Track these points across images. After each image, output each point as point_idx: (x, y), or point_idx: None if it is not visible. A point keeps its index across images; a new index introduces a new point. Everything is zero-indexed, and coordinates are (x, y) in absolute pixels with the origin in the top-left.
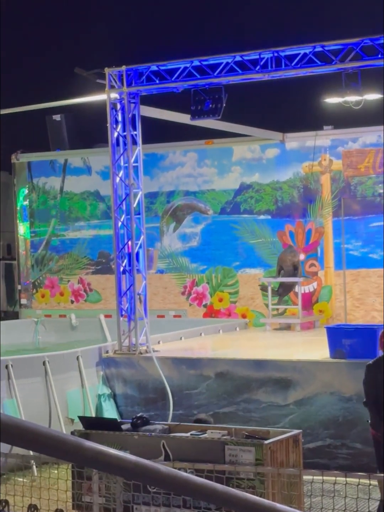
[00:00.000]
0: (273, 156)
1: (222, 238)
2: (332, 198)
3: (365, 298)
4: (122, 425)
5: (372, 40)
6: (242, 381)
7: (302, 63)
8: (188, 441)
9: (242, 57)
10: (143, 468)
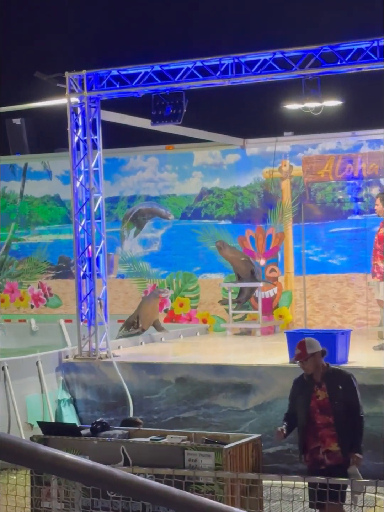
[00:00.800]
0: (234, 162)
1: (183, 243)
2: (292, 203)
3: (325, 303)
4: (81, 430)
5: (331, 47)
6: (202, 386)
7: (262, 69)
8: (148, 446)
9: (203, 62)
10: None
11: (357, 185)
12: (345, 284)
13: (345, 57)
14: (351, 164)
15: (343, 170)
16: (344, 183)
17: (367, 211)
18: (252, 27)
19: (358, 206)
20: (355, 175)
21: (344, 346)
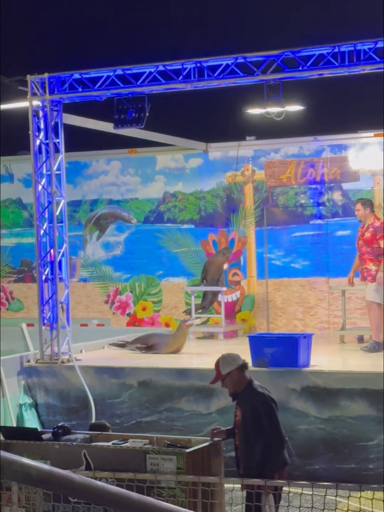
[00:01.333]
0: (197, 166)
1: (146, 247)
2: (254, 208)
3: (287, 307)
4: (43, 434)
5: (293, 53)
6: (164, 390)
7: (225, 74)
8: (110, 450)
9: (165, 67)
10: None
11: (319, 189)
12: (307, 288)
13: (306, 63)
14: (313, 169)
15: (305, 175)
16: (306, 188)
17: (329, 216)
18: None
19: (320, 211)
20: (317, 180)
21: (306, 350)
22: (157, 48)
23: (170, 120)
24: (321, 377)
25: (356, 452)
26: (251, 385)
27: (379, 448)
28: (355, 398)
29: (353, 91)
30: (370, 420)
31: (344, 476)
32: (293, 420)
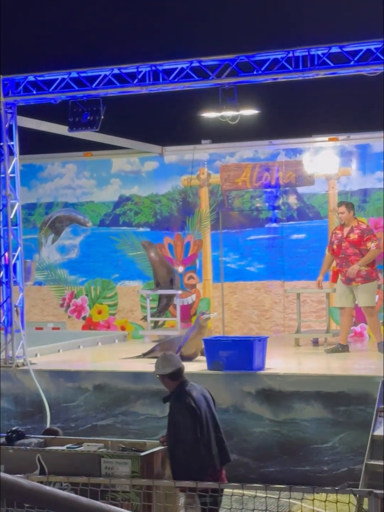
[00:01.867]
0: (152, 169)
1: (101, 250)
2: (210, 211)
3: (243, 310)
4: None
5: (247, 57)
6: (120, 394)
7: (180, 77)
8: (64, 455)
9: (120, 70)
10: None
11: (274, 193)
12: (262, 291)
13: (261, 67)
14: (268, 172)
15: (260, 178)
16: (261, 191)
17: (284, 219)
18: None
19: (275, 214)
20: (272, 184)
21: (261, 353)
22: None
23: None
24: (276, 380)
25: (311, 454)
26: (180, 388)
27: (333, 450)
28: (310, 401)
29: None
30: (324, 423)
31: (299, 479)
32: (248, 423)
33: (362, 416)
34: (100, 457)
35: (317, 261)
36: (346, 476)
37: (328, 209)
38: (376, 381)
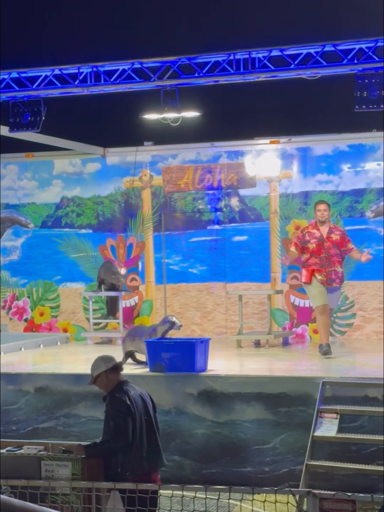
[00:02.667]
0: (94, 171)
1: (44, 252)
2: (152, 213)
3: (185, 312)
4: None
5: (189, 59)
6: (62, 396)
7: (121, 79)
8: (4, 458)
9: (61, 70)
10: None
11: (216, 195)
12: (205, 293)
13: (202, 69)
14: (210, 174)
15: (202, 181)
16: (204, 193)
17: (226, 221)
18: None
19: (218, 216)
20: (214, 186)
21: (203, 354)
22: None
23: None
24: (218, 381)
25: (252, 455)
26: (117, 388)
27: (274, 451)
28: (251, 402)
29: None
30: (265, 424)
31: (241, 480)
32: (190, 424)
33: (302, 417)
34: (40, 459)
35: (259, 263)
36: (287, 476)
37: (269, 212)
38: (317, 382)
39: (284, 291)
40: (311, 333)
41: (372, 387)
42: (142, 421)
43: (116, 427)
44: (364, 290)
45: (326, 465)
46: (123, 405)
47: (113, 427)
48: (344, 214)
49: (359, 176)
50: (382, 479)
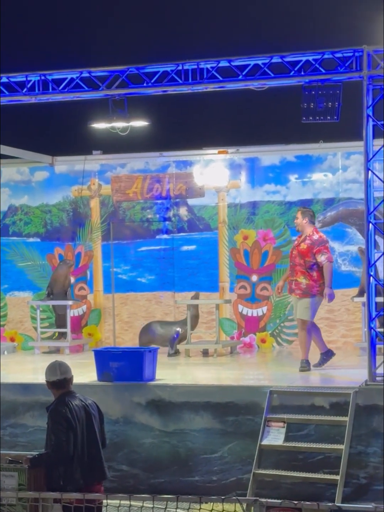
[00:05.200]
0: (42, 179)
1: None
2: (101, 222)
3: (134, 321)
4: None
5: (137, 69)
6: (9, 406)
7: (70, 87)
8: None
9: (9, 78)
10: None
11: (165, 205)
12: (153, 302)
13: (151, 79)
14: (159, 184)
15: (151, 190)
16: (153, 203)
17: (175, 231)
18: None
19: (166, 226)
20: (163, 195)
21: (151, 364)
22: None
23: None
24: (166, 390)
25: (200, 464)
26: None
27: (222, 460)
28: (199, 411)
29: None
30: (213, 433)
31: (188, 489)
32: (138, 434)
33: (250, 426)
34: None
35: (207, 272)
36: (234, 485)
37: (218, 221)
38: (264, 391)
39: (232, 300)
40: (259, 342)
41: (318, 396)
42: (83, 434)
43: (57, 441)
44: None
45: (273, 474)
46: (64, 419)
47: (54, 441)
48: (291, 224)
49: (306, 187)
50: (328, 488)
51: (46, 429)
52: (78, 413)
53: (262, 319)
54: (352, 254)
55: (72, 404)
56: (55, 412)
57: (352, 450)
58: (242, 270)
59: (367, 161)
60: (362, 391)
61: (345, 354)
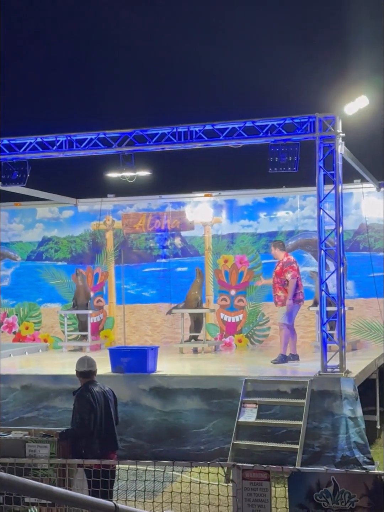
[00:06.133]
0: (69, 216)
1: (29, 279)
2: (114, 249)
3: (140, 326)
4: None
5: (142, 131)
6: (42, 392)
7: (89, 145)
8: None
9: (42, 139)
10: None
11: (164, 236)
12: (154, 311)
13: (152, 139)
14: (159, 220)
15: (152, 224)
16: (154, 234)
17: (171, 256)
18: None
19: (165, 252)
20: (162, 228)
21: (153, 358)
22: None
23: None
24: (165, 379)
25: (191, 437)
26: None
27: (208, 434)
28: (190, 396)
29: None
30: (201, 413)
31: (182, 456)
32: (143, 413)
33: (230, 407)
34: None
35: None
36: (218, 453)
37: (204, 248)
38: (241, 380)
39: (216, 309)
40: (236, 342)
41: (282, 383)
42: (102, 415)
43: (81, 419)
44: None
45: (248, 444)
46: (88, 403)
47: (79, 419)
48: (261, 250)
49: (272, 222)
50: (290, 455)
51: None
52: (99, 398)
53: (239, 324)
54: (308, 274)
55: (94, 391)
56: (81, 397)
57: (308, 425)
58: (223, 286)
59: (320, 202)
60: (316, 379)
61: (303, 351)
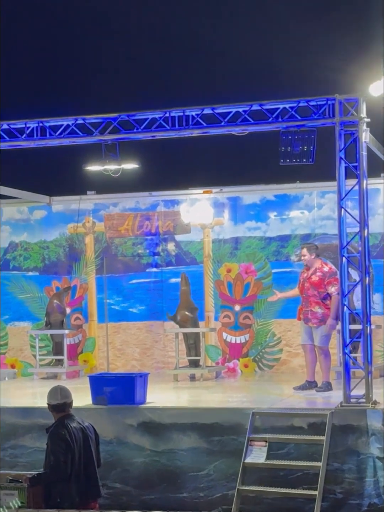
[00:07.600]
0: (41, 217)
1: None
2: (95, 257)
3: (126, 348)
4: None
5: (128, 116)
6: (9, 428)
7: (65, 133)
8: None
9: (9, 125)
10: None
11: (154, 240)
12: (144, 331)
13: (140, 125)
14: (149, 221)
15: (141, 227)
16: (143, 239)
17: (163, 264)
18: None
19: (156, 260)
20: (152, 232)
21: (142, 388)
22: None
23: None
24: (156, 412)
25: (188, 482)
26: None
27: (208, 477)
28: (187, 432)
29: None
30: (200, 452)
31: (177, 505)
32: (130, 453)
33: (234, 445)
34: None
35: None
36: (220, 501)
37: (203, 255)
38: (247, 413)
39: (217, 328)
40: (242, 367)
41: (297, 417)
42: (80, 454)
43: (55, 461)
44: (289, 327)
45: (256, 490)
46: (63, 441)
47: (53, 461)
48: (271, 258)
49: (284, 223)
50: (307, 502)
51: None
52: (76, 435)
53: (245, 345)
54: None
55: (71, 427)
56: (55, 434)
57: (329, 467)
58: (226, 301)
59: (340, 200)
60: (338, 412)
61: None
